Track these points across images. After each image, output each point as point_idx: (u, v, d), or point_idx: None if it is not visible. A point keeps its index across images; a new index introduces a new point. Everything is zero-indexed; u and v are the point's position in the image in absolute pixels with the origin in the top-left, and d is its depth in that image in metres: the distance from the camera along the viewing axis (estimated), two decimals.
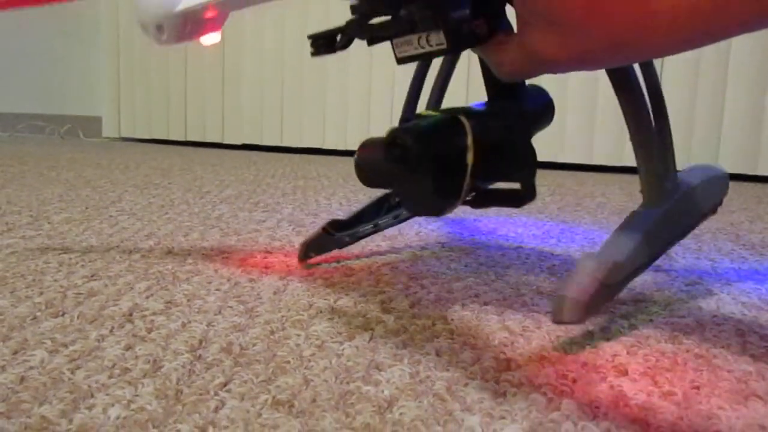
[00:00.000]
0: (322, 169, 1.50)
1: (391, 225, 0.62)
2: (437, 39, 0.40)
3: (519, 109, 0.45)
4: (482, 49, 0.38)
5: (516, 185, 0.43)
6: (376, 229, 0.60)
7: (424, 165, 0.39)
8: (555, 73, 0.35)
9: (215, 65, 2.20)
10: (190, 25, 0.50)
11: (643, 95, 0.49)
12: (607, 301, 0.42)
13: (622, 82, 0.48)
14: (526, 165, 0.42)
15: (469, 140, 0.40)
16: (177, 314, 0.43)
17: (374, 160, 0.42)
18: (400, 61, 0.41)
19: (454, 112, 0.42)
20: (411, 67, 0.54)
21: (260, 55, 2.11)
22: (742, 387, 0.33)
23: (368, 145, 0.43)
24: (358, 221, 0.59)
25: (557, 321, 0.37)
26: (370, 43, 0.41)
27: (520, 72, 0.36)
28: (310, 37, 0.44)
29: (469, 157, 0.40)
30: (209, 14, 0.49)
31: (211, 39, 0.52)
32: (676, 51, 0.30)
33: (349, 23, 0.42)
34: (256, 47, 2.12)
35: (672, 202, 0.48)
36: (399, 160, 0.39)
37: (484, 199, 0.43)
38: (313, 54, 0.45)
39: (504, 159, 0.42)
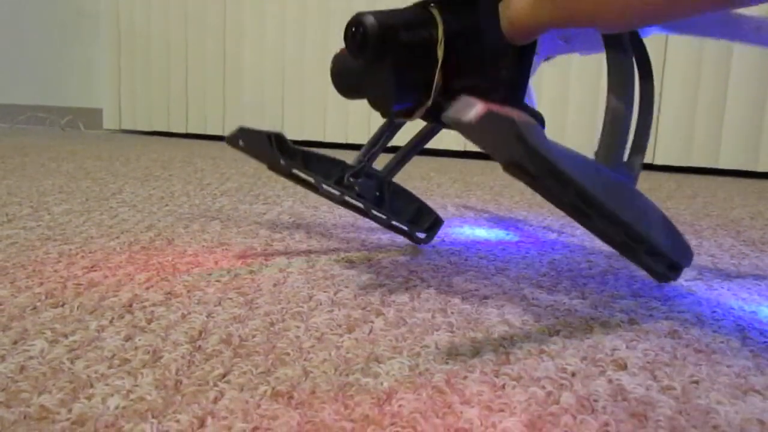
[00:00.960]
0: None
1: (335, 201, 0.56)
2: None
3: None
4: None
5: None
6: (315, 187, 0.55)
7: (385, 55, 0.37)
8: (532, 32, 0.36)
9: (216, 58, 2.19)
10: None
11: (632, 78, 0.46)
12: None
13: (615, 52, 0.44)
14: (508, 61, 0.38)
15: (440, 33, 0.37)
16: (177, 305, 0.43)
17: (344, 62, 0.41)
18: None
19: (427, 4, 0.39)
20: None
21: (261, 48, 2.11)
22: (741, 382, 0.33)
23: (340, 53, 0.42)
24: (301, 158, 0.54)
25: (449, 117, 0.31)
26: None
27: (513, 30, 0.37)
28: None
29: (439, 51, 0.37)
30: None
31: None
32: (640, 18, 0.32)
33: None
34: (257, 40, 2.11)
35: (624, 178, 0.43)
36: (360, 47, 0.37)
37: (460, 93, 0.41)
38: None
39: (481, 56, 0.38)
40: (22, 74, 2.64)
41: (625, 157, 0.46)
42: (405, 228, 0.61)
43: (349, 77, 0.41)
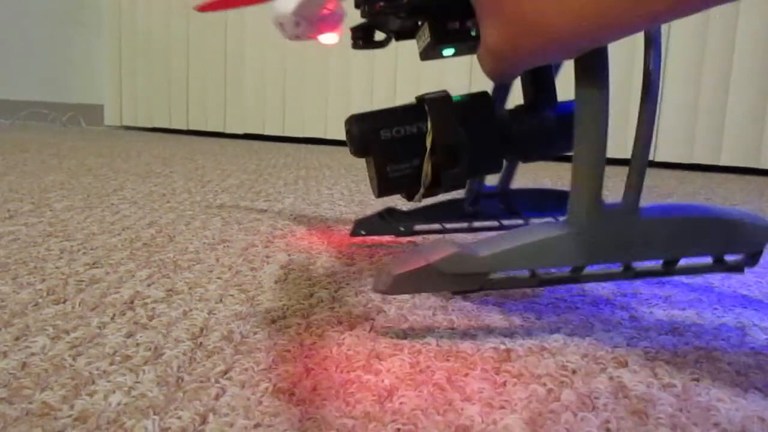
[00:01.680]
0: (324, 159, 1.50)
1: (463, 231, 0.61)
2: (426, 34, 0.42)
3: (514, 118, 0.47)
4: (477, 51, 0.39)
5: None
6: (443, 231, 0.61)
7: (369, 153, 0.43)
8: (514, 69, 0.37)
9: (218, 54, 2.19)
10: (309, 21, 0.52)
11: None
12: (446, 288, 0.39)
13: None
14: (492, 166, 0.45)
15: (429, 124, 0.42)
16: (178, 302, 0.43)
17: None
18: (421, 57, 0.45)
19: (423, 100, 0.43)
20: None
21: (262, 45, 2.10)
22: (741, 379, 0.33)
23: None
24: (418, 216, 0.60)
25: (374, 289, 0.38)
26: (397, 39, 0.48)
27: (492, 69, 0.38)
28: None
29: (428, 141, 0.42)
30: (325, 11, 0.51)
31: (328, 39, 0.54)
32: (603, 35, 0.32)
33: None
34: (258, 36, 2.11)
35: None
36: (349, 145, 0.44)
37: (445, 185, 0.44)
38: (353, 46, 0.50)
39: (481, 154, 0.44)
40: (23, 70, 2.64)
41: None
42: (550, 219, 0.62)
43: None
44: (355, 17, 0.48)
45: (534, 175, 1.32)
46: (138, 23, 2.33)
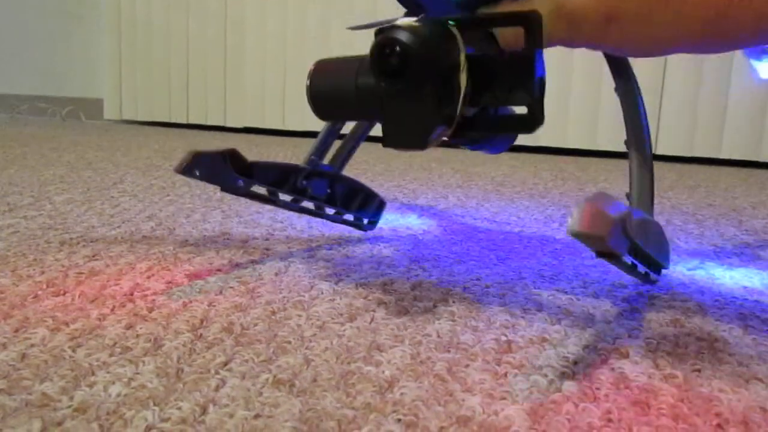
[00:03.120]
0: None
1: (292, 209, 0.54)
2: None
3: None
4: None
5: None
6: (271, 200, 0.52)
7: (426, 80, 0.32)
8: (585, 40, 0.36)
9: (218, 47, 2.19)
10: None
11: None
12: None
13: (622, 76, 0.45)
14: (529, 81, 0.33)
15: (462, 56, 0.33)
16: (178, 294, 0.43)
17: (340, 81, 0.36)
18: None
19: (440, 20, 0.34)
20: None
21: (262, 38, 2.10)
22: (743, 370, 0.33)
23: (327, 64, 0.36)
24: (257, 172, 0.49)
25: (574, 232, 0.30)
26: None
27: (561, 35, 0.37)
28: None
29: (462, 77, 0.33)
30: None
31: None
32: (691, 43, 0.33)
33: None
34: (258, 30, 2.10)
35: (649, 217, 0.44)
36: (392, 75, 0.32)
37: (481, 125, 0.36)
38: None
39: (500, 76, 0.34)
40: (22, 64, 2.64)
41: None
42: (353, 219, 0.60)
43: (340, 98, 0.36)
44: None
45: (535, 169, 1.32)
46: (138, 17, 2.32)
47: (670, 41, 0.35)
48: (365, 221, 0.62)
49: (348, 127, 0.62)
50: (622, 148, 0.48)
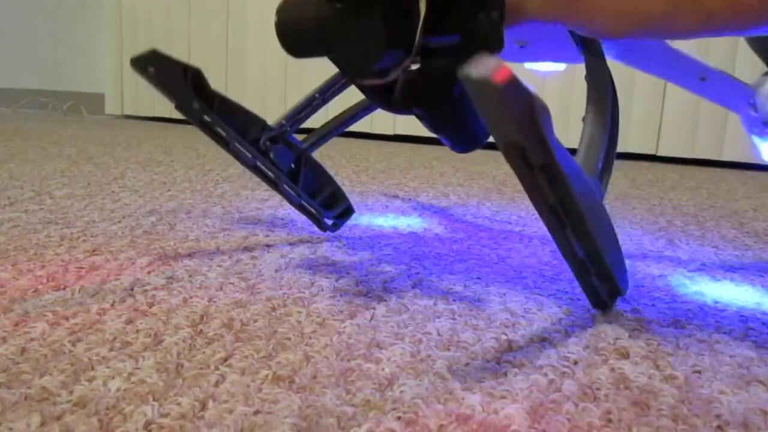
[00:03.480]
0: (325, 150, 1.49)
1: (244, 163, 0.50)
2: None
3: None
4: None
5: None
6: (225, 143, 0.48)
7: (372, 2, 0.31)
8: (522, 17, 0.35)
9: (219, 44, 2.18)
10: None
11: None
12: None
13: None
14: (489, 5, 0.33)
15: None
16: (178, 289, 0.42)
17: (303, 13, 0.35)
18: None
19: None
20: None
21: (264, 35, 2.10)
22: (743, 372, 0.33)
23: (293, 1, 0.35)
24: (217, 106, 0.46)
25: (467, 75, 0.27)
26: None
27: (611, 26, 0.37)
28: None
29: (422, 4, 0.32)
30: None
31: None
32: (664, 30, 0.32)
33: None
34: (259, 27, 2.10)
35: (596, 188, 0.41)
36: None
37: (441, 55, 0.35)
38: None
39: (463, 5, 0.34)
40: (24, 58, 2.63)
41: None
42: (314, 211, 0.56)
43: (303, 30, 0.36)
44: None
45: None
46: (139, 12, 2.32)
47: (640, 16, 0.35)
48: (327, 220, 0.58)
49: (332, 113, 0.59)
50: (624, 149, 0.48)
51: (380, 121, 1.87)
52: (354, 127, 1.98)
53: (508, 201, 0.87)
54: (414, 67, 0.36)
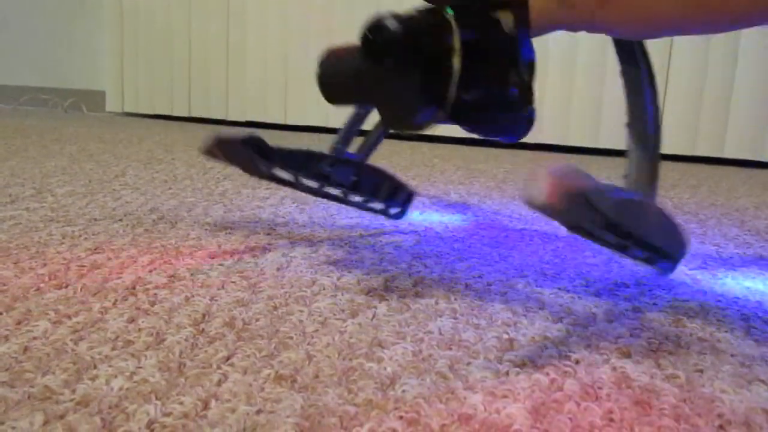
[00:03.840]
0: (326, 147, 1.49)
1: (315, 194, 0.55)
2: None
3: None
4: None
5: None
6: (294, 184, 0.53)
7: (408, 62, 0.33)
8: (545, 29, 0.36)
9: (219, 40, 2.18)
10: None
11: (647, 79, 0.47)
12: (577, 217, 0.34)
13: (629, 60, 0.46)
14: (520, 63, 0.35)
15: (456, 40, 0.34)
16: (180, 288, 0.42)
17: (344, 66, 0.37)
18: None
19: (436, 7, 0.36)
20: None
21: (264, 32, 2.09)
22: (745, 371, 0.33)
23: (335, 51, 0.38)
24: (280, 158, 0.51)
25: (528, 201, 0.30)
26: None
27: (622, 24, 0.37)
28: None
29: (455, 60, 0.34)
30: None
31: None
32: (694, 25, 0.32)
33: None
34: (260, 24, 2.10)
35: (650, 198, 0.46)
36: (377, 55, 0.33)
37: (475, 110, 0.37)
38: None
39: (494, 64, 0.36)
40: (25, 56, 2.63)
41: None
42: (380, 207, 0.61)
43: (343, 83, 0.38)
44: None
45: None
46: (140, 9, 2.31)
47: (665, 17, 0.35)
48: (393, 211, 0.63)
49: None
50: (625, 147, 0.48)
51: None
52: None
53: (509, 199, 0.87)
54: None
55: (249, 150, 0.48)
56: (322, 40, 1.97)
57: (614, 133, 1.65)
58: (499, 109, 0.37)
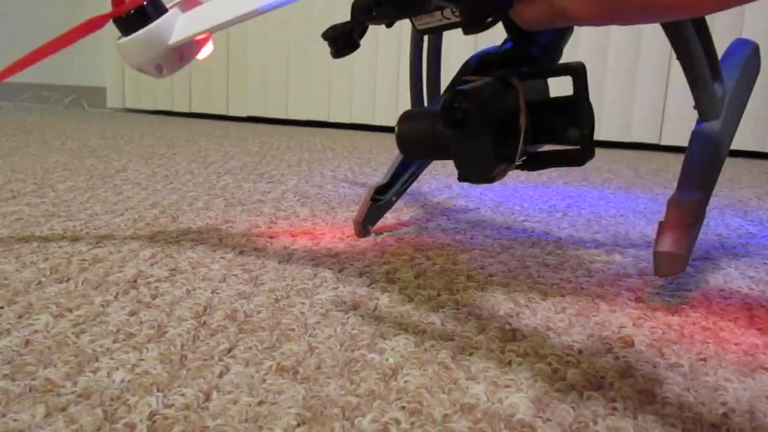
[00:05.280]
0: (328, 142, 1.49)
1: (422, 170, 0.63)
2: (455, 13, 0.39)
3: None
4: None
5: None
6: (414, 176, 0.62)
7: (484, 129, 0.38)
8: (580, 26, 0.37)
9: (220, 37, 2.18)
10: (186, 52, 0.50)
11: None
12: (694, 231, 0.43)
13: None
14: (581, 121, 0.40)
15: (521, 102, 0.39)
16: (181, 281, 0.42)
17: (420, 131, 0.43)
18: (420, 32, 0.41)
19: (503, 74, 0.41)
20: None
21: (265, 27, 2.09)
22: (749, 359, 0.33)
23: (411, 116, 0.43)
24: (396, 177, 0.60)
25: (660, 274, 0.40)
26: (389, 25, 0.41)
27: (541, 24, 0.37)
28: (325, 37, 0.43)
29: (522, 120, 0.39)
30: (200, 36, 0.49)
31: (205, 52, 0.52)
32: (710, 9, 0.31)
33: (357, 11, 0.41)
34: (261, 19, 2.09)
35: (724, 109, 0.50)
36: (456, 125, 0.38)
37: (540, 161, 0.43)
38: (335, 56, 0.44)
39: (555, 118, 0.41)
40: (25, 52, 2.63)
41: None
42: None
43: (420, 143, 0.43)
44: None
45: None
46: None
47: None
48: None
49: None
50: (627, 139, 0.48)
51: (382, 113, 1.86)
52: (356, 119, 1.97)
53: (511, 192, 0.87)
54: None
55: (379, 200, 0.58)
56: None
57: (616, 126, 1.64)
58: (561, 164, 0.42)
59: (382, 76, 1.90)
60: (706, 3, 0.30)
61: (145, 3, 0.50)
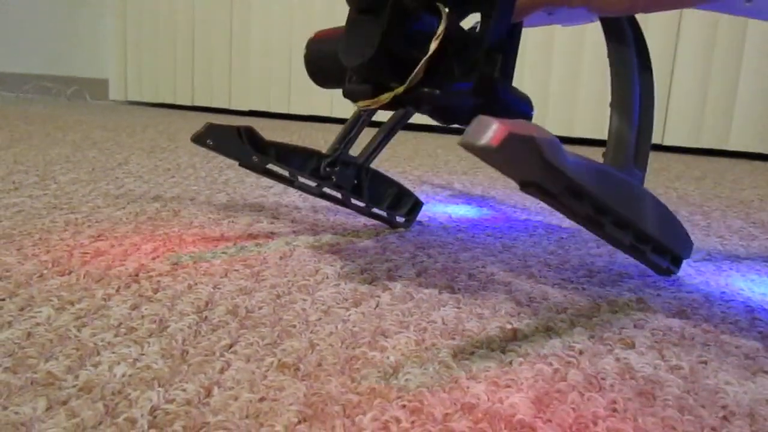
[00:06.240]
0: (330, 137, 1.49)
1: (312, 193, 0.55)
2: None
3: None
4: None
5: None
6: (291, 181, 0.54)
7: (384, 11, 0.36)
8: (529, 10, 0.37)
9: (223, 29, 2.17)
10: None
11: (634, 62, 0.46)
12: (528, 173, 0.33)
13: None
14: (475, 61, 0.38)
15: (441, 28, 0.37)
16: (183, 276, 0.42)
17: (327, 49, 0.41)
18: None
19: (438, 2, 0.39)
20: None
21: (268, 21, 2.09)
22: (749, 363, 0.33)
23: (322, 33, 0.42)
24: (275, 152, 0.51)
25: (467, 144, 0.28)
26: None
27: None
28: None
29: (433, 45, 0.37)
30: None
31: None
32: None
33: None
34: (264, 12, 2.09)
35: (631, 177, 0.44)
36: (364, 8, 0.36)
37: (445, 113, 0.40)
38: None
39: (461, 55, 0.39)
40: (28, 43, 2.63)
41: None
42: (384, 214, 0.59)
43: (329, 63, 0.41)
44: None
45: None
46: None
47: None
48: (397, 219, 0.61)
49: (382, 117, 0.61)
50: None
51: None
52: None
53: (513, 190, 0.87)
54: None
55: (242, 140, 0.49)
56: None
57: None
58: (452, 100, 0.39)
59: None
60: None
61: None
